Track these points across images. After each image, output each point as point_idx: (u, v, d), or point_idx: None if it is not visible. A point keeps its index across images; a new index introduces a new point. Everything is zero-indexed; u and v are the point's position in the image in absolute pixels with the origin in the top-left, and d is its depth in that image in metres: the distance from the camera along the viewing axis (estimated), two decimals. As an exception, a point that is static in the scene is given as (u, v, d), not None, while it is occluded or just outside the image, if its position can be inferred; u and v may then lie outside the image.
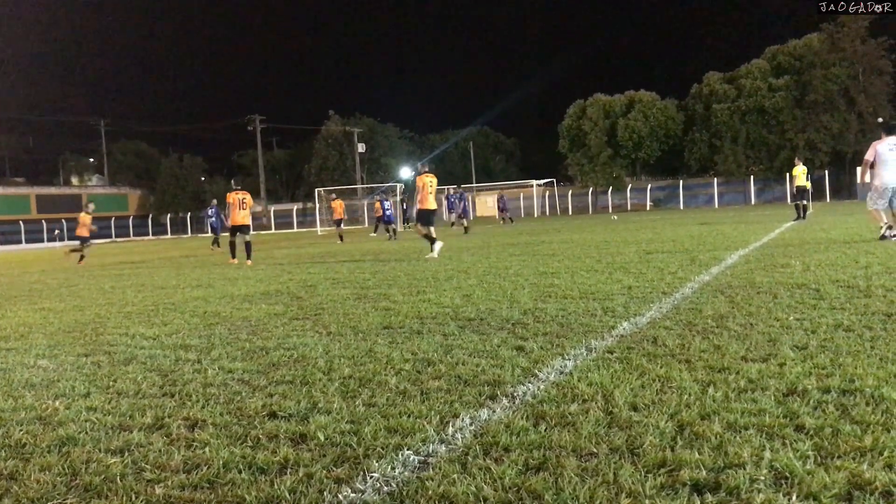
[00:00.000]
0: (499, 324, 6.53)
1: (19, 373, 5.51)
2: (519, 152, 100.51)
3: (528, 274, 10.94)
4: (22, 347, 6.68)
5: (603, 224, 33.94)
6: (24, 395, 4.75)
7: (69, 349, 6.45)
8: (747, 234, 18.34)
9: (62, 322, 8.35)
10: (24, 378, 5.30)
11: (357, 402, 4.14)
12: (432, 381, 4.53)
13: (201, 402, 4.32)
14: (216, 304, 9.33)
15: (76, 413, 4.23)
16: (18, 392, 4.86)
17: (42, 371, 5.54)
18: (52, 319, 8.64)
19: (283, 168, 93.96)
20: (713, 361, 4.66)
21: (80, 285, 13.89)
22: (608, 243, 17.67)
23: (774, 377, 4.22)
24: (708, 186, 67.90)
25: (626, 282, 9.12)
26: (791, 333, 5.44)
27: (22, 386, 5.05)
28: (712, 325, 5.89)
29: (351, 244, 26.96)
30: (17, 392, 4.87)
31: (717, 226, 23.94)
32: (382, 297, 8.99)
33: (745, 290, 7.84)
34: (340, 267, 14.71)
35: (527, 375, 4.54)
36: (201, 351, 6.01)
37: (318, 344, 6.01)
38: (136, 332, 7.23)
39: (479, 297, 8.49)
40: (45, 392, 4.83)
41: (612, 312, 6.82)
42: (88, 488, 3.09)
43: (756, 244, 14.52)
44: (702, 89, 71.78)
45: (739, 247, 13.93)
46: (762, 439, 3.23)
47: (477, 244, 21.06)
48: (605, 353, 5.05)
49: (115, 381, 5.01)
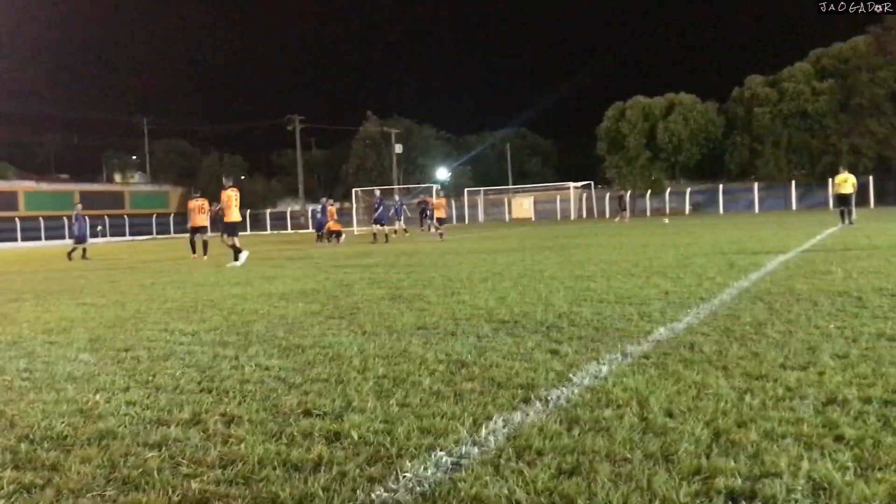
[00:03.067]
0: (533, 327, 6.51)
1: (61, 366, 5.62)
2: (556, 154, 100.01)
3: (563, 277, 10.89)
4: (64, 341, 6.82)
5: (641, 227, 33.66)
6: (66, 388, 4.85)
7: (110, 344, 6.57)
8: (788, 239, 18.07)
9: (103, 317, 8.50)
10: (65, 371, 5.41)
11: (391, 401, 4.16)
12: (466, 382, 4.53)
13: (238, 399, 4.37)
14: (254, 301, 9.44)
15: (116, 407, 4.31)
16: (60, 385, 4.96)
17: (83, 365, 5.65)
18: (93, 314, 8.81)
19: (321, 168, 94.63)
20: (751, 369, 4.60)
21: (121, 281, 14.13)
22: (645, 247, 17.52)
23: (814, 386, 4.16)
24: (748, 191, 66.91)
25: (663, 286, 9.04)
26: (831, 342, 5.35)
27: (64, 379, 5.16)
28: (750, 332, 5.81)
29: (386, 245, 27.06)
30: (59, 385, 4.97)
31: (756, 231, 23.61)
32: (417, 297, 9.02)
33: (784, 296, 7.72)
34: (375, 267, 14.78)
35: (561, 379, 4.53)
36: (239, 348, 6.09)
37: (353, 343, 6.05)
38: (176, 328, 7.34)
39: (513, 299, 8.48)
40: (86, 385, 4.93)
41: (648, 317, 6.77)
42: (127, 481, 3.14)
43: (797, 250, 14.29)
44: (743, 92, 70.80)
45: (780, 252, 13.73)
46: (800, 449, 3.19)
47: (512, 246, 21.02)
48: (641, 359, 5.01)
49: (154, 376, 5.10)
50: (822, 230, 22.02)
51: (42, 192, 79.58)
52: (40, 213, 75.12)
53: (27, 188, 78.80)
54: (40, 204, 77.53)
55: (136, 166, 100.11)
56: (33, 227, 72.17)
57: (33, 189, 79.25)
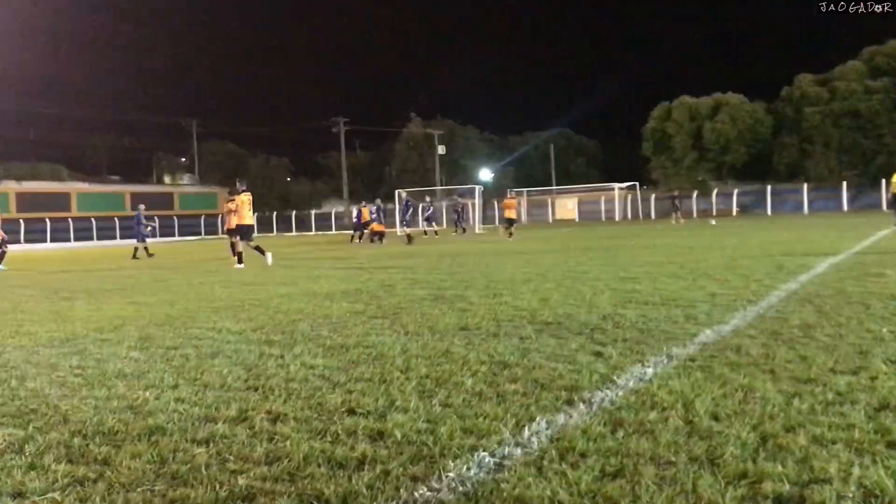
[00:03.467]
0: (577, 328, 6.48)
1: (112, 363, 5.75)
2: (600, 155, 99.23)
3: (607, 278, 10.82)
4: (115, 339, 6.97)
5: (687, 229, 33.25)
6: (117, 385, 4.96)
7: (159, 341, 6.70)
8: (838, 241, 17.69)
9: (153, 315, 8.67)
10: (116, 368, 5.53)
11: (434, 401, 4.18)
12: (508, 383, 4.53)
13: (283, 397, 4.43)
14: (299, 301, 9.55)
15: (165, 403, 4.40)
16: (111, 382, 5.08)
17: (133, 362, 5.78)
18: (144, 312, 8.99)
19: (365, 169, 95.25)
20: (799, 372, 4.53)
21: (170, 280, 14.40)
22: (692, 249, 17.31)
23: (865, 391, 4.07)
24: (797, 192, 65.62)
25: (709, 288, 8.93)
26: (884, 346, 5.23)
27: (115, 376, 5.28)
28: (799, 335, 5.71)
29: (428, 245, 27.14)
30: (110, 382, 5.08)
31: (806, 233, 23.17)
32: (459, 298, 9.04)
33: (834, 299, 7.57)
34: (418, 268, 14.84)
35: (605, 381, 4.50)
36: (284, 346, 6.17)
37: (397, 343, 6.08)
38: (223, 326, 7.45)
39: (556, 300, 8.45)
40: (136, 382, 5.04)
41: (694, 320, 6.69)
42: (175, 476, 3.20)
43: (848, 252, 13.99)
44: (792, 92, 69.47)
45: (830, 255, 13.45)
46: (850, 455, 3.13)
47: (555, 247, 20.93)
48: (687, 361, 4.96)
49: (202, 374, 5.19)
50: (874, 232, 21.51)
51: (94, 194, 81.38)
52: (92, 213, 76.84)
53: (80, 189, 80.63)
54: (92, 205, 79.29)
55: (185, 168, 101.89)
56: (85, 228, 73.84)
57: (85, 190, 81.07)
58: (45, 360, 6.03)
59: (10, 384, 5.12)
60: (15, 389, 4.95)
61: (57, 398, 4.66)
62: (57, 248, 52.69)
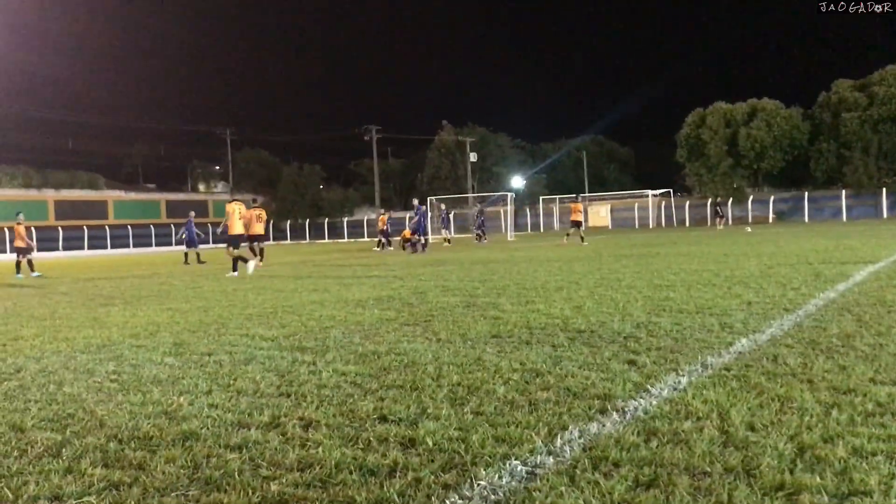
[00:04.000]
0: (610, 336, 6.43)
1: (147, 369, 5.82)
2: (633, 161, 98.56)
3: (641, 286, 10.72)
4: (150, 345, 7.06)
5: (722, 236, 32.86)
6: (152, 391, 5.01)
7: (193, 348, 6.77)
8: (878, 249, 17.37)
9: (187, 321, 8.76)
10: (151, 374, 5.60)
11: (465, 409, 4.16)
12: (541, 392, 4.51)
13: (315, 403, 4.45)
14: (331, 307, 9.59)
15: (199, 409, 4.44)
16: (147, 387, 5.14)
17: (168, 368, 5.84)
18: (178, 319, 9.09)
19: (396, 177, 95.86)
20: (838, 382, 4.44)
21: (203, 287, 14.55)
22: (727, 256, 17.10)
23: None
24: (835, 199, 64.65)
25: (745, 297, 8.81)
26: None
27: (150, 381, 5.34)
28: (837, 345, 5.61)
29: (458, 251, 27.11)
30: (145, 387, 5.14)
31: (844, 240, 22.78)
32: (491, 306, 9.01)
33: (874, 308, 7.43)
34: (450, 275, 14.83)
35: (638, 390, 4.46)
36: (316, 353, 6.19)
37: (428, 350, 6.08)
38: (256, 333, 7.51)
39: (589, 308, 8.39)
40: (171, 388, 5.09)
41: (729, 328, 6.60)
42: (209, 482, 3.23)
43: (888, 260, 13.72)
44: (830, 97, 68.53)
45: (869, 262, 13.20)
46: (891, 466, 3.06)
47: (588, 254, 20.80)
48: (722, 371, 4.89)
49: (235, 380, 5.23)
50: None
51: (130, 201, 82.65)
52: (129, 221, 78.03)
53: (116, 197, 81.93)
54: (129, 212, 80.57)
55: (220, 176, 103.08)
56: (122, 235, 74.97)
57: (122, 198, 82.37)
58: (82, 365, 6.12)
59: (48, 389, 5.21)
60: (53, 394, 5.03)
61: (93, 403, 4.72)
62: (94, 254, 53.52)
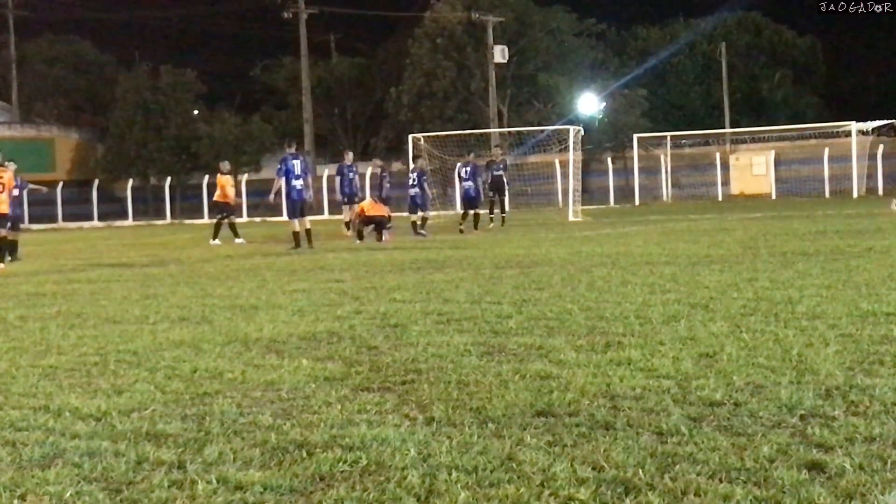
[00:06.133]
0: (773, 414, 3.61)
1: None
2: (820, 65, 54.43)
3: (834, 314, 6.54)
4: None
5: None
6: None
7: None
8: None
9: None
10: None
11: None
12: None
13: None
14: (213, 355, 5.79)
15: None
16: None
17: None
18: None
19: (347, 93, 53.19)
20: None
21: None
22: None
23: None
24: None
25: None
26: None
27: None
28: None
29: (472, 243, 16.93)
30: None
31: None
32: (535, 351, 5.51)
33: None
34: (452, 289, 9.01)
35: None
36: (186, 446, 3.38)
37: (409, 441, 3.33)
38: (65, 405, 4.21)
39: (731, 358, 5.06)
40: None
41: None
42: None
43: None
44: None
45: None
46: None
47: (730, 250, 12.94)
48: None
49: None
50: None
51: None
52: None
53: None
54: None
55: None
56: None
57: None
58: None
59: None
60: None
61: None
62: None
